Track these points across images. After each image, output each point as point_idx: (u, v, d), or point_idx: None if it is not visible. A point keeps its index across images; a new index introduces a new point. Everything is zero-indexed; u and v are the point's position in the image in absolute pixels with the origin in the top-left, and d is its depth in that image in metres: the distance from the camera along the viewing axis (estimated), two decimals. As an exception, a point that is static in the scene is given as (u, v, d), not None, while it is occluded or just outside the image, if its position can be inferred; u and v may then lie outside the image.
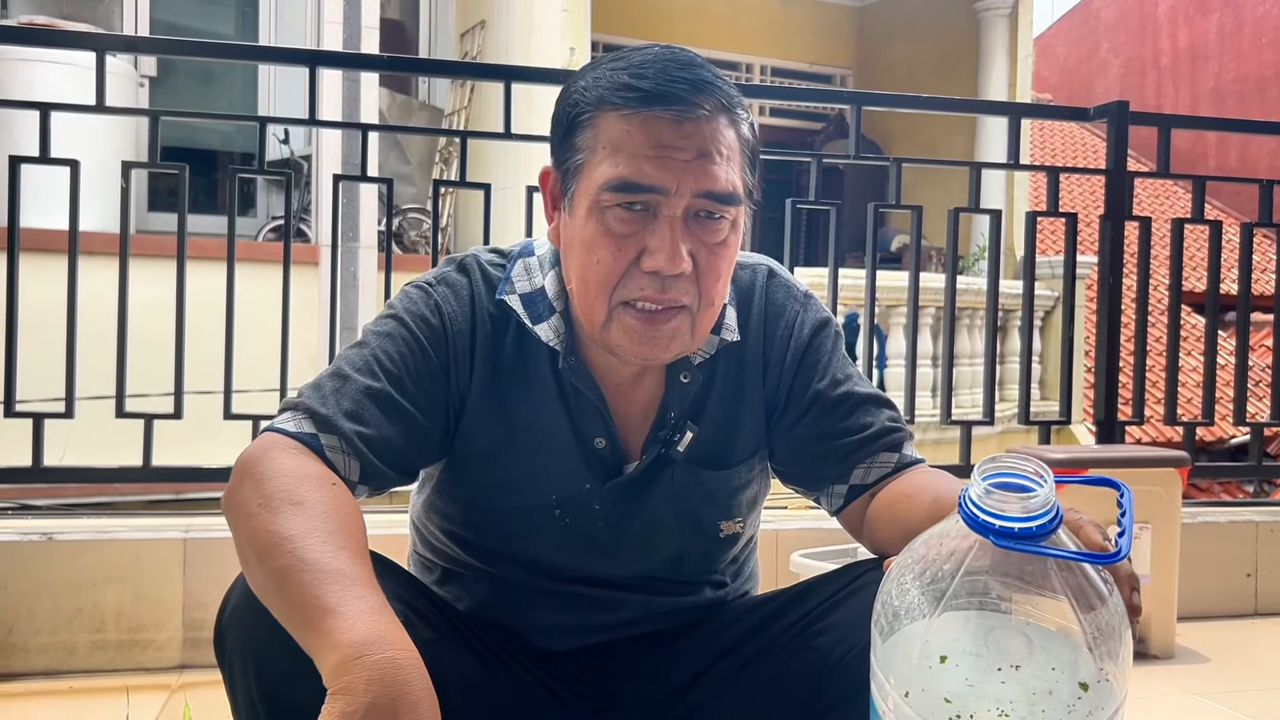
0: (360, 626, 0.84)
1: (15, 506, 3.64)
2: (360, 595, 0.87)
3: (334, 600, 0.86)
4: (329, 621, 0.84)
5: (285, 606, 0.89)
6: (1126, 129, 2.88)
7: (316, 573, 0.88)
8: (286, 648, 0.89)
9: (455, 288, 1.19)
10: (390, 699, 0.80)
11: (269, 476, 0.98)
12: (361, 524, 0.98)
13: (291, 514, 0.93)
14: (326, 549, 0.90)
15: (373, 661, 0.81)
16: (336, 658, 0.82)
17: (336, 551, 0.90)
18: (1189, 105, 16.60)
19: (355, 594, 0.87)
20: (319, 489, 0.98)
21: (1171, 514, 2.43)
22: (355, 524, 0.97)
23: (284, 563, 0.90)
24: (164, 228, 6.24)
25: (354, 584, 0.88)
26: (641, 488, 1.19)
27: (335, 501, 0.97)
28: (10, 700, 2.01)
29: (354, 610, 0.85)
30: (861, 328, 2.81)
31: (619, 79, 1.08)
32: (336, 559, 0.90)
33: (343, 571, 0.89)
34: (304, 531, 0.92)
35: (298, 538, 0.91)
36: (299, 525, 0.92)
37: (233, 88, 7.63)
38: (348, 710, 0.79)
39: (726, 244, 1.11)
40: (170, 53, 4.72)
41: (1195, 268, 7.84)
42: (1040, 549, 0.77)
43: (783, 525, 2.50)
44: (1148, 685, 2.25)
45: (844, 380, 1.22)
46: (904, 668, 0.79)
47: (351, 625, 0.84)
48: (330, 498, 0.97)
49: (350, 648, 0.82)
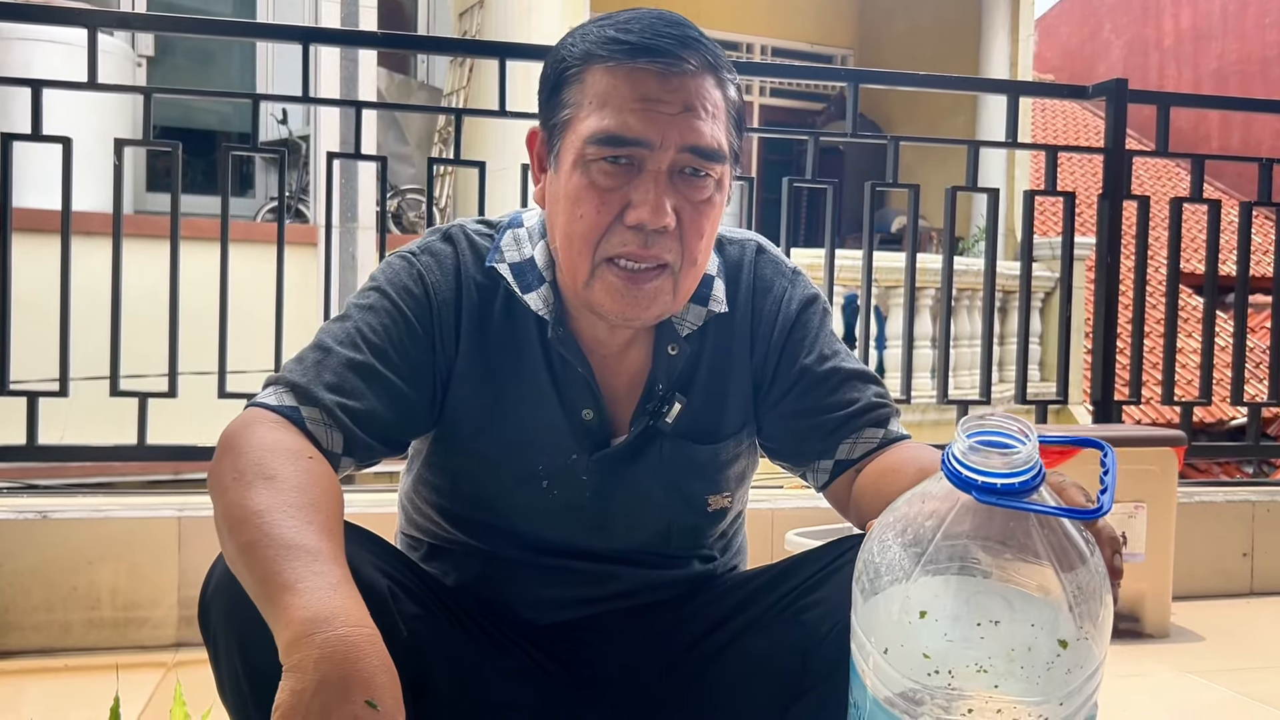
0: (314, 603, 0.83)
1: (17, 486, 3.65)
2: (319, 571, 0.86)
3: (293, 576, 0.85)
4: (285, 597, 0.84)
5: (250, 581, 0.89)
6: (1125, 107, 2.86)
7: (280, 548, 0.88)
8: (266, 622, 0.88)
9: (439, 257, 1.18)
10: (341, 675, 0.79)
11: (245, 450, 0.98)
12: (337, 497, 0.98)
13: (263, 488, 0.93)
14: (293, 524, 0.90)
15: (323, 639, 0.81)
16: (289, 634, 0.82)
17: (303, 526, 0.90)
18: (1191, 86, 16.54)
19: (314, 570, 0.86)
20: (293, 462, 0.97)
21: (1167, 493, 2.43)
22: (328, 498, 0.96)
23: (250, 537, 0.89)
24: (162, 208, 6.22)
25: (315, 559, 0.87)
26: (629, 460, 1.19)
27: (309, 475, 0.97)
28: (6, 678, 2.02)
29: (310, 586, 0.85)
30: (861, 309, 2.80)
31: (606, 34, 1.08)
32: (302, 534, 0.89)
33: (305, 546, 0.88)
34: (272, 506, 0.91)
35: (265, 512, 0.91)
36: (268, 500, 0.92)
37: (231, 68, 7.61)
38: (297, 689, 0.79)
39: (711, 202, 1.10)
40: (164, 29, 4.71)
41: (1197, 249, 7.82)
42: (1022, 504, 0.77)
43: (778, 504, 2.50)
44: (1141, 664, 2.25)
45: (831, 356, 1.22)
46: (884, 625, 0.79)
47: (306, 602, 0.83)
48: (304, 471, 0.97)
49: (302, 624, 0.82)
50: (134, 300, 2.42)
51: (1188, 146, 14.03)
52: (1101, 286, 2.92)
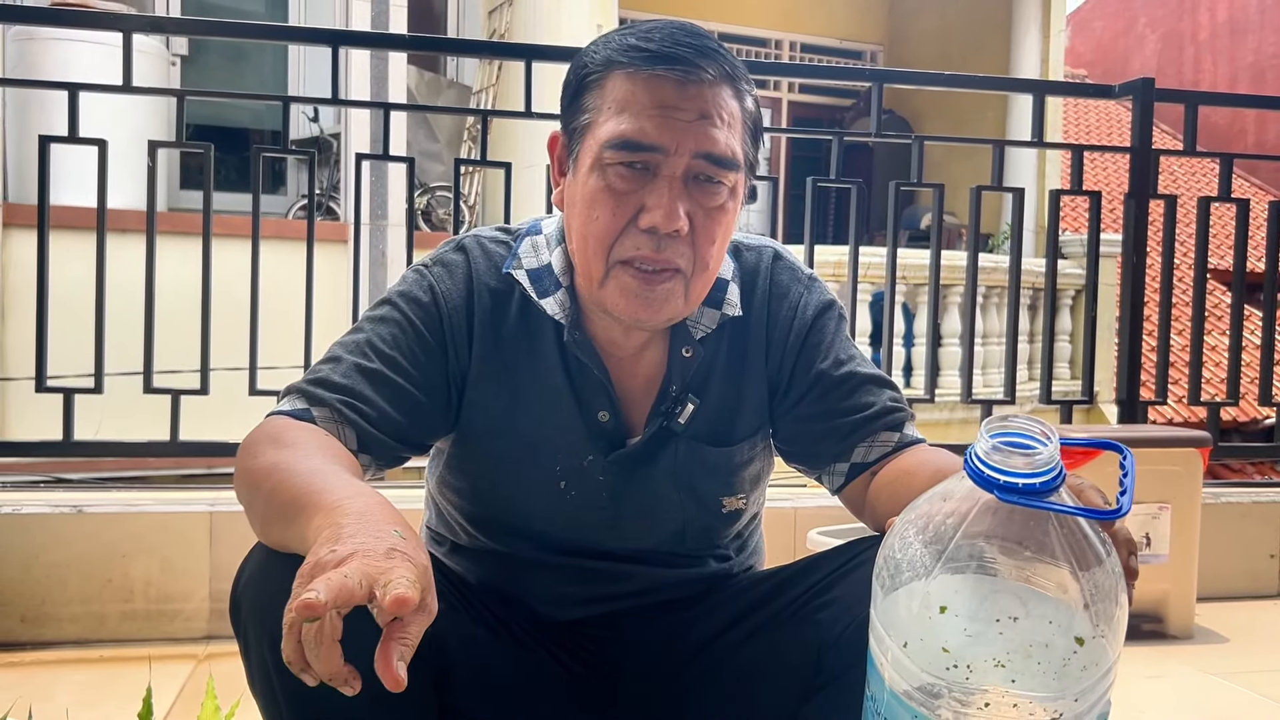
0: (342, 494, 0.89)
1: (48, 479, 3.71)
2: (346, 481, 0.93)
3: (321, 486, 0.92)
4: (315, 499, 0.90)
5: (282, 512, 0.94)
6: (1152, 106, 2.85)
7: (306, 473, 0.95)
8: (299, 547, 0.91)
9: (450, 267, 1.22)
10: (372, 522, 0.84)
11: (261, 439, 1.05)
12: (354, 461, 1.06)
13: (283, 449, 1.01)
14: (315, 460, 0.98)
15: (353, 506, 0.86)
16: (319, 517, 0.87)
17: (325, 461, 0.98)
18: (1227, 80, 16.33)
19: (342, 479, 0.93)
20: (309, 433, 1.06)
21: (1192, 494, 2.43)
22: (345, 455, 1.05)
23: (276, 479, 0.96)
24: (195, 205, 6.30)
25: (339, 476, 0.94)
26: (644, 461, 1.22)
27: (326, 440, 1.06)
28: (43, 668, 2.06)
29: (337, 487, 0.91)
30: (885, 306, 2.80)
31: (627, 42, 1.11)
32: (325, 464, 0.97)
33: (329, 470, 0.95)
34: (293, 456, 0.99)
35: (288, 459, 0.98)
36: (288, 454, 1.00)
37: (263, 65, 7.69)
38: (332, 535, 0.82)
39: (724, 209, 1.13)
40: (195, 33, 4.77)
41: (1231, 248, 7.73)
42: (1042, 503, 0.79)
43: (800, 503, 2.51)
44: (1164, 664, 2.25)
45: (846, 361, 1.24)
46: (904, 619, 0.80)
47: (335, 496, 0.89)
48: (319, 437, 1.06)
49: (332, 506, 0.87)
50: (166, 297, 2.46)
51: (1222, 142, 13.88)
52: (1127, 286, 2.91)
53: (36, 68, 5.63)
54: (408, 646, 0.78)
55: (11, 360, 5.10)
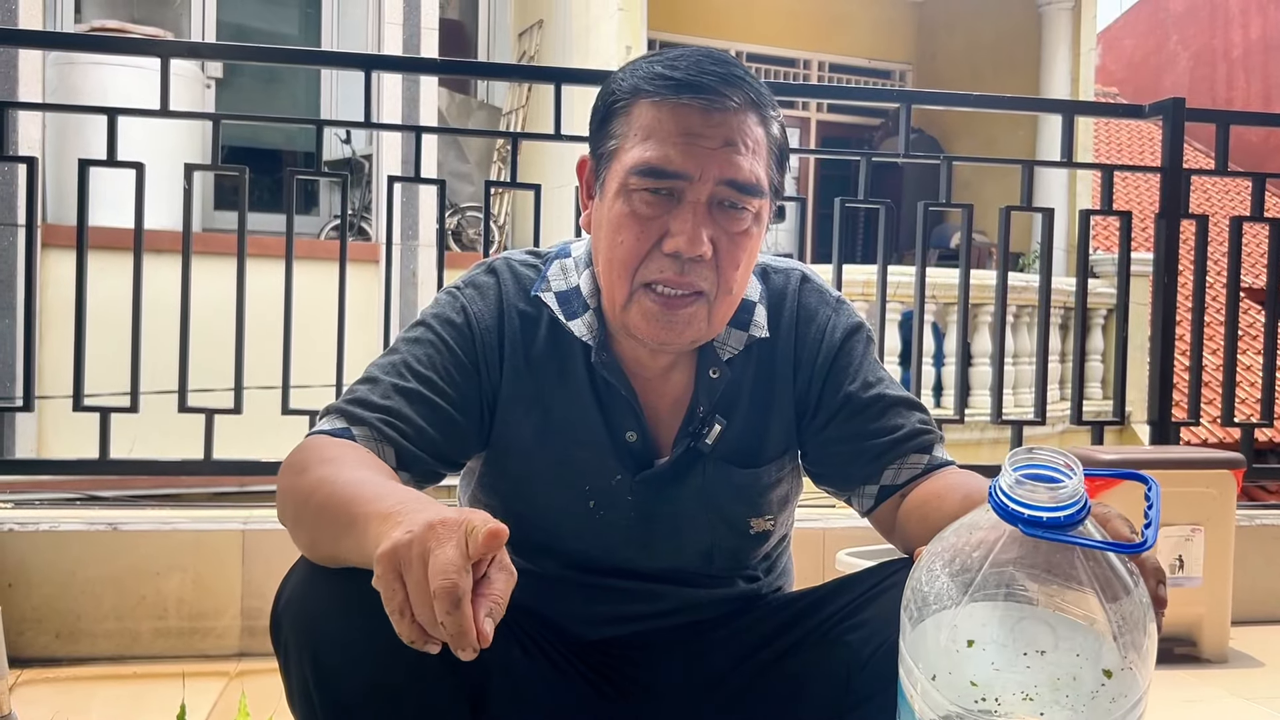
0: (397, 500, 0.89)
1: (80, 497, 3.75)
2: (396, 488, 0.95)
3: (372, 494, 0.92)
4: (368, 507, 0.90)
5: (332, 525, 0.95)
6: (1183, 126, 2.84)
7: (355, 484, 0.96)
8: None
9: (482, 289, 1.24)
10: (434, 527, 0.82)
11: (303, 458, 1.06)
12: (393, 472, 1.07)
13: (326, 465, 1.02)
14: (361, 472, 0.99)
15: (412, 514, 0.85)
16: (377, 521, 0.87)
17: (371, 473, 1.00)
18: (1261, 98, 16.20)
19: (390, 487, 0.95)
20: (351, 450, 1.07)
21: (1225, 516, 2.40)
22: (385, 466, 1.06)
23: (324, 493, 0.97)
24: (229, 225, 6.37)
25: (388, 484, 0.97)
26: (671, 481, 1.23)
27: (368, 456, 1.07)
28: (78, 683, 2.09)
29: (390, 493, 0.92)
30: (914, 326, 2.80)
31: (654, 70, 1.13)
32: (372, 476, 0.99)
33: (377, 480, 0.97)
34: (338, 471, 1.00)
35: (333, 474, 0.99)
36: (332, 469, 1.01)
37: (296, 87, 7.78)
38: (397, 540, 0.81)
39: (748, 234, 1.14)
40: (231, 58, 4.84)
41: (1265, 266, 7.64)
42: (1067, 537, 0.79)
43: (830, 524, 2.50)
44: (1198, 689, 2.22)
45: (875, 383, 1.24)
46: (932, 652, 0.81)
47: (389, 503, 0.89)
48: (362, 454, 1.07)
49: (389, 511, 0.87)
50: (200, 316, 2.49)
51: (1257, 159, 13.74)
52: (1159, 306, 2.89)
53: (76, 91, 5.72)
54: (497, 604, 0.81)
55: (49, 379, 5.17)
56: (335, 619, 0.94)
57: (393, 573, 0.80)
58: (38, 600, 2.18)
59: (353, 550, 0.91)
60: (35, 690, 2.03)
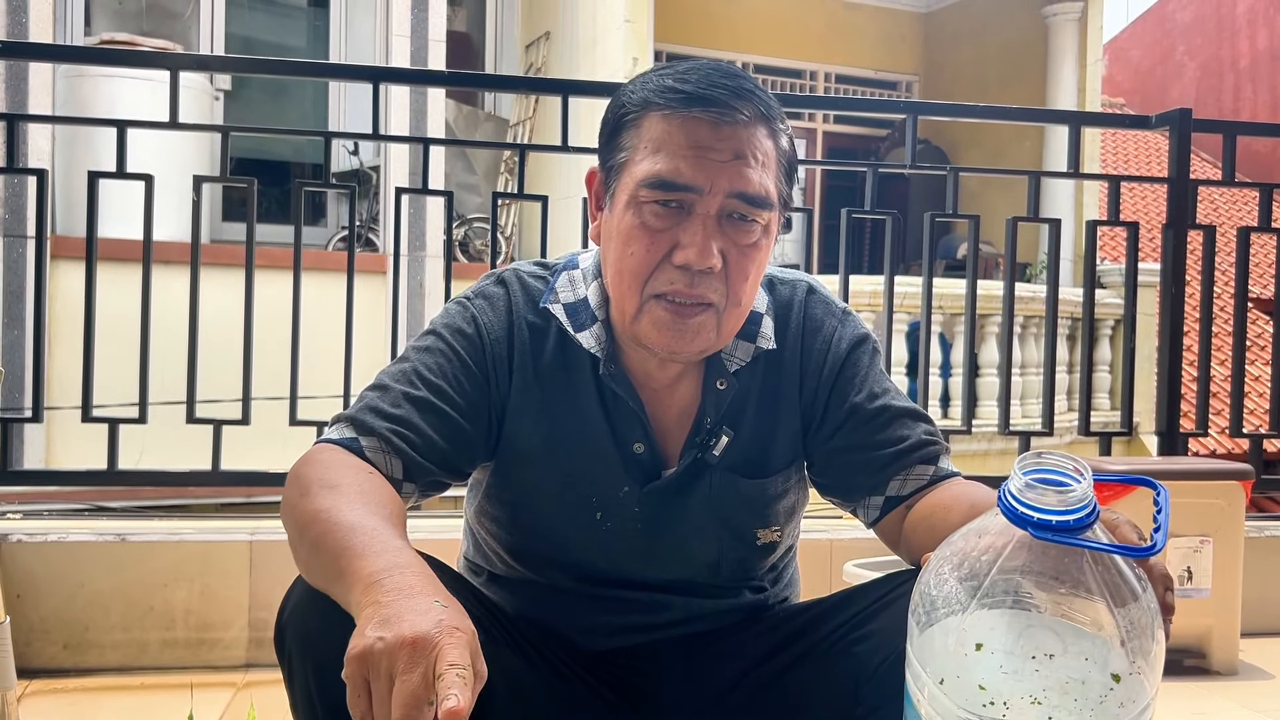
0: (382, 560, 0.90)
1: (88, 508, 3.76)
2: (385, 539, 0.93)
3: (361, 546, 0.92)
4: (355, 563, 0.90)
5: (324, 569, 0.95)
6: (1189, 137, 2.84)
7: (347, 529, 0.95)
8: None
9: (492, 300, 1.24)
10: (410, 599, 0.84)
11: (309, 474, 1.06)
12: (398, 504, 1.06)
13: (327, 493, 1.01)
14: (358, 511, 0.98)
15: (392, 581, 0.86)
16: (360, 588, 0.88)
17: (367, 514, 0.98)
18: (1268, 108, 16.19)
19: (381, 538, 0.93)
20: (354, 474, 1.06)
21: (1234, 527, 2.39)
22: (391, 501, 1.04)
23: (319, 530, 0.97)
24: (238, 237, 6.41)
25: (379, 532, 0.94)
26: (678, 492, 1.23)
27: (370, 482, 1.05)
28: (86, 694, 2.09)
29: (378, 549, 0.91)
30: (921, 337, 2.80)
31: (664, 83, 1.14)
32: (366, 518, 0.97)
33: (370, 525, 0.95)
34: (338, 503, 0.99)
35: (331, 508, 0.98)
36: (333, 499, 1.00)
37: (304, 99, 7.81)
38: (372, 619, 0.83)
39: (757, 246, 1.15)
40: (239, 70, 4.86)
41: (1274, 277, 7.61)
42: (1076, 540, 0.79)
43: (836, 535, 2.50)
44: (1208, 701, 2.21)
45: (881, 394, 1.24)
46: (940, 656, 0.81)
47: (374, 561, 0.90)
48: (365, 479, 1.05)
49: (371, 575, 0.88)
50: (209, 327, 2.50)
51: (1264, 169, 13.73)
52: (1166, 317, 2.89)
53: (85, 103, 5.76)
54: None
55: (57, 389, 5.19)
56: (338, 630, 0.94)
57: (360, 677, 0.82)
58: (46, 611, 2.19)
59: (339, 598, 0.92)
60: (43, 701, 2.03)
